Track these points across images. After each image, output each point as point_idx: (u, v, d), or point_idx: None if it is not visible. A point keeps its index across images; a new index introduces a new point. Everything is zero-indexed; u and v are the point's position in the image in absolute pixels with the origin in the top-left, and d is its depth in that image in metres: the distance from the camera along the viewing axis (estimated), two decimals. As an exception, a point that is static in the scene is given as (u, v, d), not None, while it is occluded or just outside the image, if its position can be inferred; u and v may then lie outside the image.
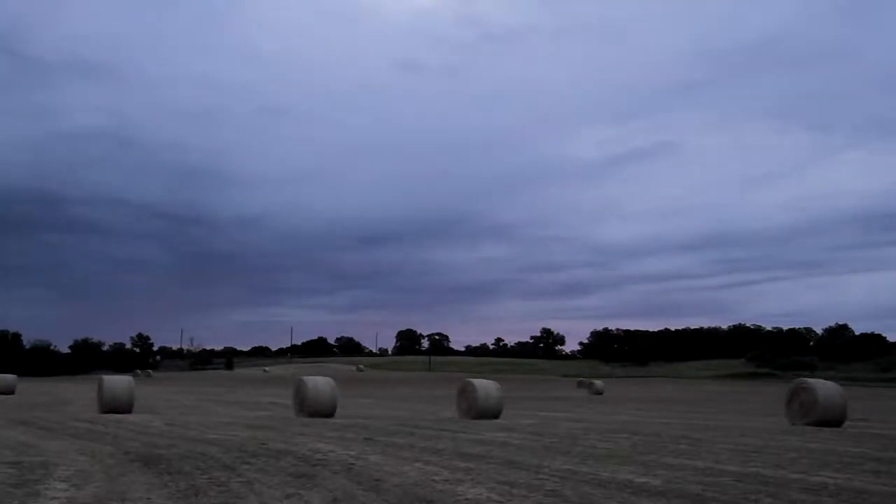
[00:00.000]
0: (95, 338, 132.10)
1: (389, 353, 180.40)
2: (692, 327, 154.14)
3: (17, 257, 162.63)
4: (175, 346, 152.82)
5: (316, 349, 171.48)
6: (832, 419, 15.62)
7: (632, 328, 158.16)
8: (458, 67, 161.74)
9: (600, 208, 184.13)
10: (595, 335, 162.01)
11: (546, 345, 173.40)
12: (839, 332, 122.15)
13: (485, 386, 18.51)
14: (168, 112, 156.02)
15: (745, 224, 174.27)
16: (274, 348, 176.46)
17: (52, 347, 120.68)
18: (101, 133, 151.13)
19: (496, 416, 17.88)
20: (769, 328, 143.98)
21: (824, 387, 16.19)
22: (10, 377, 37.04)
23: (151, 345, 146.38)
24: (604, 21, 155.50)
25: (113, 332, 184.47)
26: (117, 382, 19.87)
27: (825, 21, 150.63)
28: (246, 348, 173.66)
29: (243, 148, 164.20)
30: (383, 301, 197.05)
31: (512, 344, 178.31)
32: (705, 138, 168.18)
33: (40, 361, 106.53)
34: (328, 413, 17.26)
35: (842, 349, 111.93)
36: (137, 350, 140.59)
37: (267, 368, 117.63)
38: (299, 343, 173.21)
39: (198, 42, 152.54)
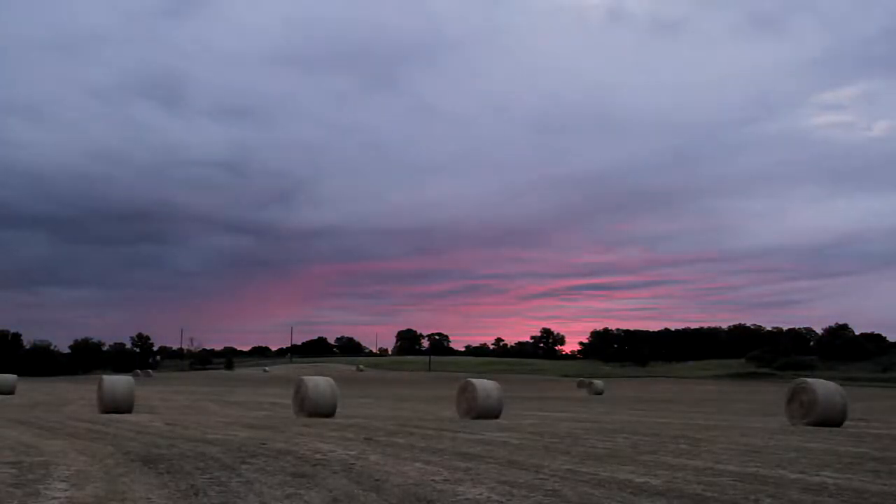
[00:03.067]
0: (95, 338, 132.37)
1: (389, 353, 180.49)
2: (692, 327, 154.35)
3: (95, 267, 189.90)
4: (175, 346, 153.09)
5: (316, 349, 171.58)
6: (832, 419, 15.62)
7: (632, 328, 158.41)
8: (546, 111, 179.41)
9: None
10: (595, 335, 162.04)
11: (546, 345, 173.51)
12: (839, 332, 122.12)
13: (485, 386, 18.50)
14: (280, 144, 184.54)
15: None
16: (274, 348, 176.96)
17: (52, 347, 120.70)
18: (219, 162, 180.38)
19: (496, 416, 17.88)
20: (769, 328, 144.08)
21: (824, 387, 16.17)
22: (10, 377, 37.04)
23: (151, 345, 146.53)
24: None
25: (119, 332, 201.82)
26: (117, 382, 19.88)
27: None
28: (246, 348, 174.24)
29: (329, 173, 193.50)
30: (423, 302, 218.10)
31: (512, 344, 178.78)
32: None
33: (40, 361, 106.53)
34: (328, 413, 17.26)
35: (842, 349, 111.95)
36: (137, 350, 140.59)
37: (267, 368, 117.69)
38: (299, 343, 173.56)
39: (318, 87, 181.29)
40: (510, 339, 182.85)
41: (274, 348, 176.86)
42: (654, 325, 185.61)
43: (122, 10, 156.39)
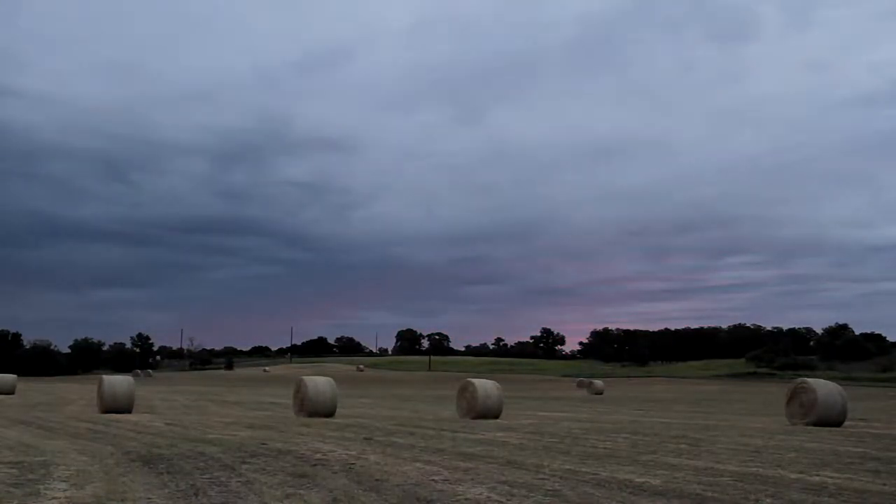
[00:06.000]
0: (96, 338, 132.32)
1: (389, 353, 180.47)
2: (692, 327, 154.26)
3: (156, 273, 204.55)
4: (175, 346, 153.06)
5: (316, 349, 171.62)
6: (832, 419, 15.62)
7: (632, 328, 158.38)
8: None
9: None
10: (595, 335, 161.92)
11: (546, 345, 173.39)
12: (839, 332, 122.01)
13: (485, 386, 18.51)
14: (358, 170, 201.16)
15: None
16: (274, 348, 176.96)
17: (52, 347, 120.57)
18: (301, 183, 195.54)
19: (496, 415, 17.88)
20: (769, 328, 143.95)
21: (824, 387, 16.17)
22: (10, 377, 37.01)
23: (151, 345, 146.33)
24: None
25: (118, 333, 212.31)
26: (117, 382, 19.88)
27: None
28: (246, 348, 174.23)
29: (391, 191, 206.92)
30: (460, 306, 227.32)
31: (512, 344, 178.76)
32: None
33: (40, 361, 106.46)
34: (328, 413, 17.27)
35: (842, 349, 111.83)
36: (137, 350, 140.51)
37: (267, 368, 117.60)
38: (299, 343, 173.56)
39: (408, 122, 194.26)
40: (510, 339, 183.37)
41: (274, 348, 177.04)
42: (653, 326, 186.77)
43: (251, 63, 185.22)
